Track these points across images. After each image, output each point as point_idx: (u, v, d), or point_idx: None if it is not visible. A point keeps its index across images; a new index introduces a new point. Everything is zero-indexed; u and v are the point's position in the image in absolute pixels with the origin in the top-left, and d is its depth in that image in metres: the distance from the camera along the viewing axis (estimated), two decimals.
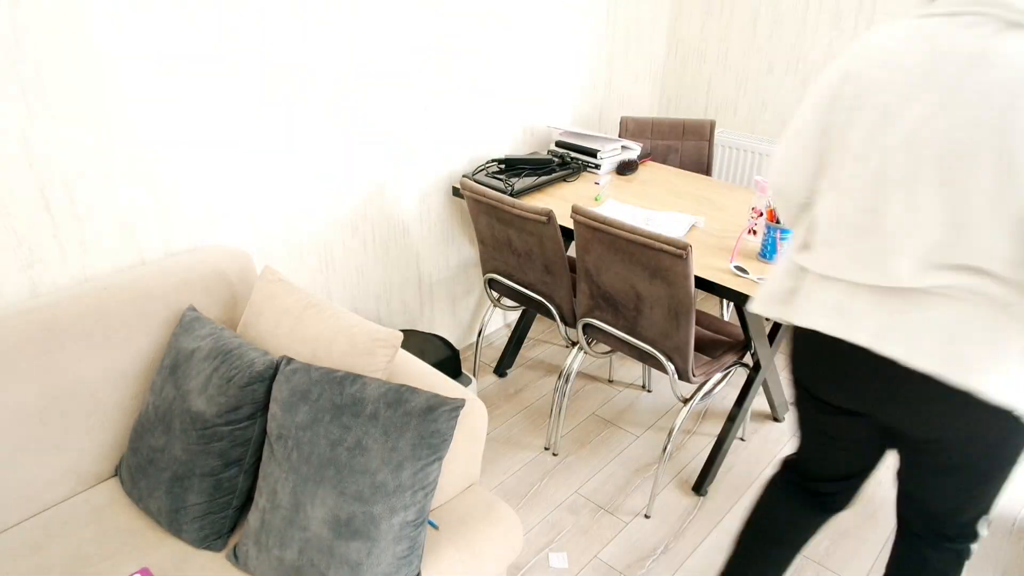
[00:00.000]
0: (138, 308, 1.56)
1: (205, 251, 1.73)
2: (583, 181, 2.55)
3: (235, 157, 1.84)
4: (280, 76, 1.86)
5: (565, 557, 1.93)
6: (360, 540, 1.24)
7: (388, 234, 2.35)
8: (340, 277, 2.25)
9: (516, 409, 2.52)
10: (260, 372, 1.38)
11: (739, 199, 2.41)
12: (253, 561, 1.33)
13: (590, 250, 1.90)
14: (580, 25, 2.72)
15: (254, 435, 1.41)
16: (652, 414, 2.51)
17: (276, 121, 1.89)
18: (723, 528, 2.04)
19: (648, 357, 1.99)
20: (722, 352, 2.06)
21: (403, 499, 1.26)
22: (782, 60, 2.91)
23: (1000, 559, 1.95)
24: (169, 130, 1.68)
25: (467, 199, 2.17)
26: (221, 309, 1.71)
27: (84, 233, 1.60)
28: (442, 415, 1.27)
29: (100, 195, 1.61)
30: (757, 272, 1.90)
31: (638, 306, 1.89)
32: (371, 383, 1.32)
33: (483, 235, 2.24)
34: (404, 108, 2.21)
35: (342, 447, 1.27)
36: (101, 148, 1.57)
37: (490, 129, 2.55)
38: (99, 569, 1.34)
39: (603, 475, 2.23)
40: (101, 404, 1.52)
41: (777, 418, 2.50)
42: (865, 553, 1.96)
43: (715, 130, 2.70)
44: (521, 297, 2.31)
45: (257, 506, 1.35)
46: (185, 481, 1.39)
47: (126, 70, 1.56)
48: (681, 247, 1.68)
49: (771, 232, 1.92)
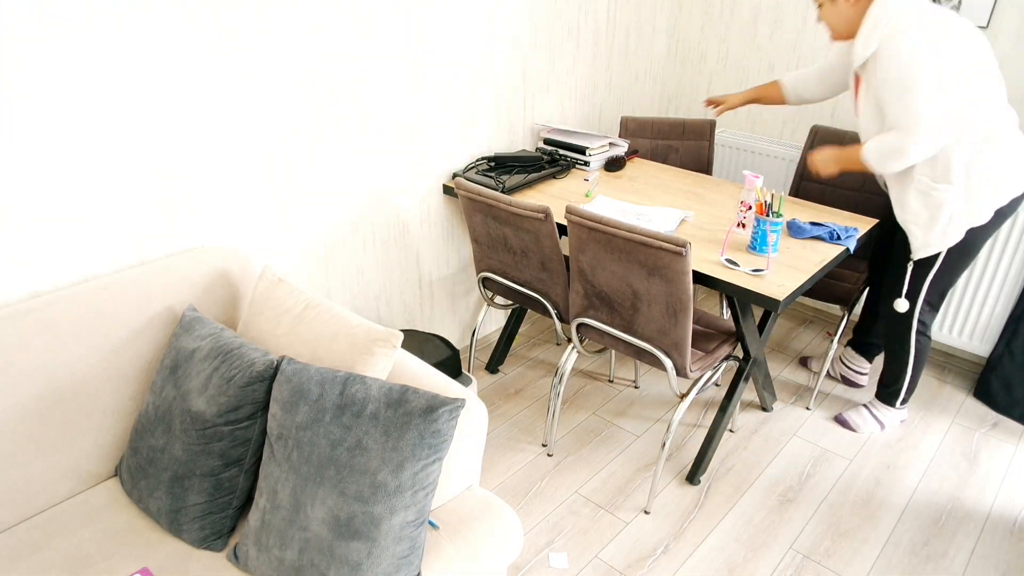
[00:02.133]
0: (138, 308, 1.56)
1: (205, 251, 1.72)
2: (572, 178, 2.56)
3: (235, 157, 1.84)
4: (280, 76, 1.86)
5: (565, 557, 1.93)
6: (360, 540, 1.24)
7: (388, 234, 2.35)
8: (340, 277, 2.25)
9: (516, 409, 2.52)
10: (260, 372, 1.38)
11: (727, 193, 2.43)
12: (253, 561, 1.33)
13: (585, 249, 1.90)
14: (580, 24, 2.72)
15: (254, 435, 1.41)
16: (653, 412, 2.51)
17: (276, 121, 1.89)
18: (723, 528, 2.04)
19: (645, 354, 1.99)
20: (715, 346, 2.07)
21: (403, 499, 1.26)
22: (782, 60, 2.91)
23: (1000, 559, 1.95)
24: (169, 130, 1.68)
25: (461, 198, 2.17)
26: (221, 309, 1.71)
27: (84, 233, 1.60)
28: (442, 415, 1.27)
29: (100, 195, 1.61)
30: (748, 264, 1.92)
31: (635, 304, 1.89)
32: (371, 383, 1.32)
33: (477, 234, 2.24)
34: (404, 108, 2.21)
35: (342, 447, 1.27)
36: (101, 148, 1.57)
37: (487, 128, 2.55)
38: (99, 569, 1.34)
39: (603, 474, 2.23)
40: (101, 404, 1.52)
41: (766, 408, 2.51)
42: (865, 553, 1.96)
43: (715, 130, 2.70)
44: (517, 295, 2.31)
45: (257, 506, 1.35)
46: (185, 481, 1.39)
47: (125, 70, 1.56)
48: (680, 244, 1.68)
49: (760, 225, 1.94)
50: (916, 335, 2.18)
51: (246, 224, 1.93)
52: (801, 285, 1.84)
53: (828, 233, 2.07)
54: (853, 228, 2.11)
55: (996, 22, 2.39)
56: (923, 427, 2.45)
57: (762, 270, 1.88)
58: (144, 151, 1.65)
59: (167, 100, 1.65)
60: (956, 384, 2.68)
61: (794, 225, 2.11)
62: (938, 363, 2.80)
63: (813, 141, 2.55)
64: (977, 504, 2.13)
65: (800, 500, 2.14)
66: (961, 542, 2.00)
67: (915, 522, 2.07)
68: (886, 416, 2.41)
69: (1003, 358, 2.48)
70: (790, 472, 2.25)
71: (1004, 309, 2.52)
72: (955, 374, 2.73)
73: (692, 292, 1.77)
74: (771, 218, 1.92)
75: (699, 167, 2.79)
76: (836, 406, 2.55)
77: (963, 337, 2.65)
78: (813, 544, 1.99)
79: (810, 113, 2.90)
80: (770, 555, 1.95)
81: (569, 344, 2.22)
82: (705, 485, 2.19)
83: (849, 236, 2.06)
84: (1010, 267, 2.46)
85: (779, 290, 1.80)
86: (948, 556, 1.95)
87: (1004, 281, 2.49)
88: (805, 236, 2.09)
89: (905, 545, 1.99)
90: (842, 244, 2.05)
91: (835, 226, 2.09)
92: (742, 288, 1.83)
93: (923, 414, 2.52)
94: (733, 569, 1.91)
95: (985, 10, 2.39)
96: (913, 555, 1.96)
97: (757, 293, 1.81)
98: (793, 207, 2.31)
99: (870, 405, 2.44)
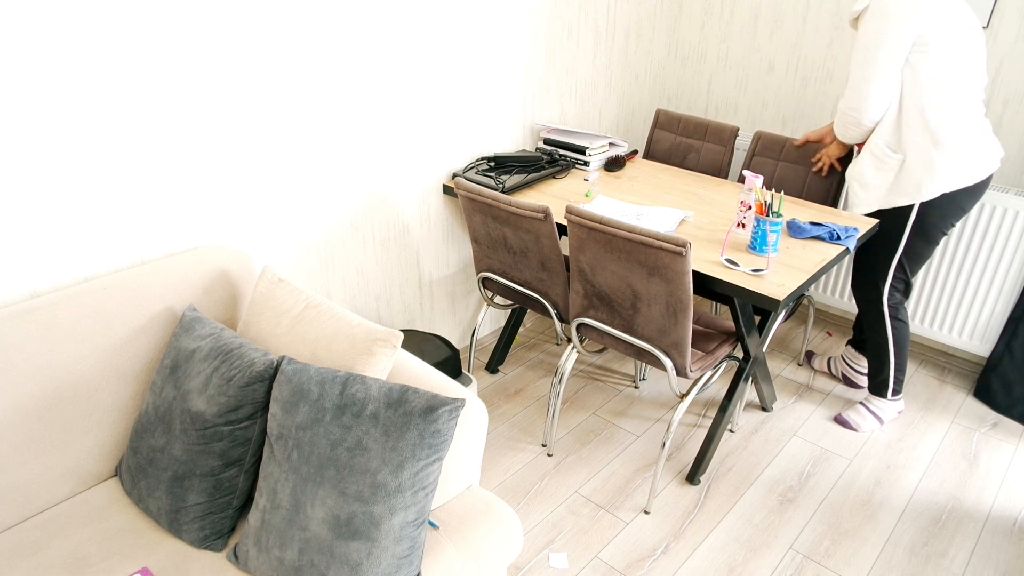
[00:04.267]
0: (138, 308, 1.56)
1: (205, 251, 1.72)
2: (572, 178, 2.56)
3: (235, 157, 1.84)
4: (280, 76, 1.86)
5: (565, 557, 1.93)
6: (360, 540, 1.24)
7: (388, 234, 2.35)
8: (340, 277, 2.25)
9: (516, 409, 2.52)
10: (260, 372, 1.38)
11: (726, 193, 2.43)
12: (253, 561, 1.33)
13: (585, 249, 1.90)
14: (580, 24, 2.72)
15: (254, 435, 1.41)
16: (653, 412, 2.51)
17: (276, 121, 1.89)
18: (724, 527, 2.04)
19: (645, 354, 1.99)
20: (715, 345, 2.07)
21: (403, 499, 1.26)
22: (782, 60, 2.91)
23: (1000, 559, 1.95)
24: (169, 130, 1.68)
25: (461, 198, 2.17)
26: (221, 309, 1.71)
27: (84, 233, 1.60)
28: (442, 415, 1.27)
29: (100, 195, 1.61)
30: (747, 264, 1.92)
31: (635, 304, 1.89)
32: (371, 383, 1.32)
33: (477, 233, 2.24)
34: (404, 108, 2.21)
35: (342, 447, 1.27)
36: (101, 148, 1.57)
37: (487, 128, 2.55)
38: (99, 569, 1.34)
39: (603, 474, 2.23)
40: (101, 404, 1.52)
41: (766, 408, 2.51)
42: (865, 553, 1.96)
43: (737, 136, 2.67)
44: (517, 295, 2.31)
45: (257, 506, 1.35)
46: (185, 481, 1.39)
47: (125, 70, 1.56)
48: (680, 244, 1.68)
49: (760, 225, 1.94)
50: (890, 320, 2.25)
51: (246, 224, 1.93)
52: (801, 285, 1.84)
53: (828, 233, 2.07)
54: (853, 228, 2.11)
55: (996, 22, 2.39)
56: (923, 427, 2.45)
57: (762, 270, 1.88)
58: (144, 151, 1.65)
59: (167, 100, 1.65)
60: (956, 384, 2.68)
61: (794, 225, 2.11)
62: (938, 363, 2.80)
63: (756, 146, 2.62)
64: (977, 504, 2.13)
65: (800, 500, 2.14)
66: (961, 542, 2.00)
67: (915, 522, 2.07)
68: (882, 409, 2.41)
69: (1003, 358, 2.48)
70: (790, 472, 2.25)
71: (1004, 309, 2.52)
72: (955, 374, 2.73)
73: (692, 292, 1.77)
74: (771, 218, 1.92)
75: (716, 171, 2.72)
76: (837, 406, 2.55)
77: (963, 337, 2.65)
78: (813, 544, 1.99)
79: (810, 113, 2.90)
80: (770, 555, 1.95)
81: (569, 344, 2.22)
82: (705, 485, 2.19)
83: (849, 236, 2.06)
84: (1010, 267, 2.46)
85: (779, 290, 1.80)
86: (948, 556, 1.95)
87: (1004, 281, 2.49)
88: (805, 236, 2.09)
89: (905, 545, 1.99)
90: (842, 244, 2.05)
91: (835, 226, 2.10)
92: (742, 288, 1.83)
93: (923, 414, 2.52)
94: (733, 569, 1.91)
95: (985, 10, 2.39)
96: (913, 555, 1.96)
97: (757, 293, 1.81)
98: (793, 207, 2.31)
99: (866, 401, 2.45)
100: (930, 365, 2.79)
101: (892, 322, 2.25)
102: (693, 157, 2.77)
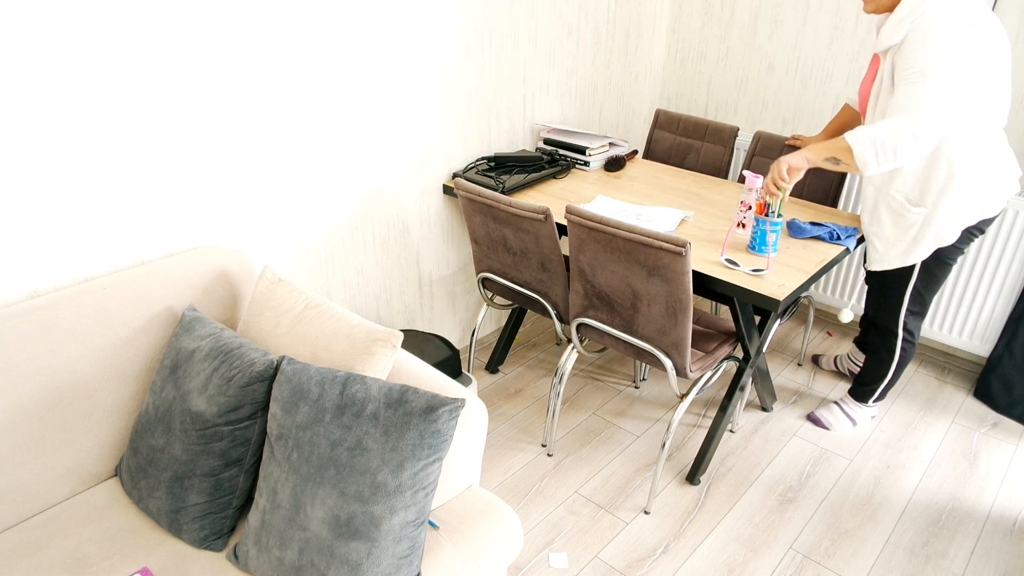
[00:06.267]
0: (138, 308, 1.56)
1: (205, 251, 1.72)
2: (572, 178, 2.56)
3: (235, 157, 1.84)
4: (280, 76, 1.86)
5: (565, 557, 1.93)
6: (360, 540, 1.24)
7: (388, 234, 2.35)
8: (340, 277, 2.25)
9: (516, 409, 2.52)
10: (260, 372, 1.38)
11: (726, 193, 2.43)
12: (253, 561, 1.33)
13: (585, 249, 1.90)
14: (580, 24, 2.72)
15: (254, 435, 1.41)
16: (653, 412, 2.51)
17: (276, 121, 1.89)
18: (724, 527, 2.04)
19: (645, 354, 1.99)
20: (715, 346, 2.07)
21: (403, 499, 1.26)
22: (782, 60, 2.91)
23: (1000, 559, 1.95)
24: (169, 130, 1.68)
25: (461, 198, 2.17)
26: (221, 309, 1.71)
27: (84, 233, 1.60)
28: (442, 415, 1.27)
29: (100, 195, 1.61)
30: (748, 264, 1.92)
31: (635, 304, 1.90)
32: (371, 383, 1.32)
33: (477, 234, 2.24)
34: (404, 108, 2.21)
35: (342, 447, 1.27)
36: (101, 148, 1.57)
37: (487, 128, 2.55)
38: (99, 569, 1.34)
39: (603, 474, 2.23)
40: (101, 404, 1.52)
41: (765, 408, 2.51)
42: (865, 553, 1.96)
43: (736, 136, 2.66)
44: (517, 295, 2.31)
45: (257, 506, 1.35)
46: (185, 481, 1.39)
47: (125, 69, 1.56)
48: (680, 244, 1.68)
49: (760, 225, 1.94)
50: (902, 341, 2.19)
51: (246, 224, 1.93)
52: (801, 285, 1.84)
53: (828, 233, 2.07)
54: (853, 228, 2.11)
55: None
56: (923, 427, 2.45)
57: (762, 270, 1.88)
58: (144, 151, 1.65)
59: (168, 100, 1.65)
60: (956, 384, 2.68)
61: (794, 225, 2.11)
62: (938, 363, 2.80)
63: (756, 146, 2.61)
64: (977, 504, 2.13)
65: (800, 500, 2.14)
66: (961, 542, 2.00)
67: (915, 522, 2.07)
68: (857, 413, 2.41)
69: (1003, 358, 2.48)
70: (790, 472, 2.25)
71: (1004, 309, 2.52)
72: (955, 374, 2.73)
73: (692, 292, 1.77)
74: (771, 218, 1.92)
75: (715, 171, 2.72)
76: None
77: (963, 337, 2.65)
78: (813, 544, 1.99)
79: (810, 113, 2.90)
80: (770, 555, 1.95)
81: (569, 344, 2.22)
82: (705, 485, 2.19)
83: (849, 236, 2.06)
84: (1010, 267, 2.46)
85: (779, 290, 1.80)
86: (948, 556, 1.95)
87: (1004, 281, 2.49)
88: (805, 236, 2.09)
89: (905, 545, 1.99)
90: (842, 244, 2.05)
91: (835, 226, 2.10)
92: (742, 288, 1.83)
93: (923, 414, 2.52)
94: (733, 569, 1.91)
95: None
96: (913, 555, 1.96)
97: (757, 293, 1.81)
98: (793, 207, 2.31)
99: (841, 402, 2.44)
100: (930, 365, 2.79)
101: (904, 344, 2.20)
102: (693, 157, 2.77)
